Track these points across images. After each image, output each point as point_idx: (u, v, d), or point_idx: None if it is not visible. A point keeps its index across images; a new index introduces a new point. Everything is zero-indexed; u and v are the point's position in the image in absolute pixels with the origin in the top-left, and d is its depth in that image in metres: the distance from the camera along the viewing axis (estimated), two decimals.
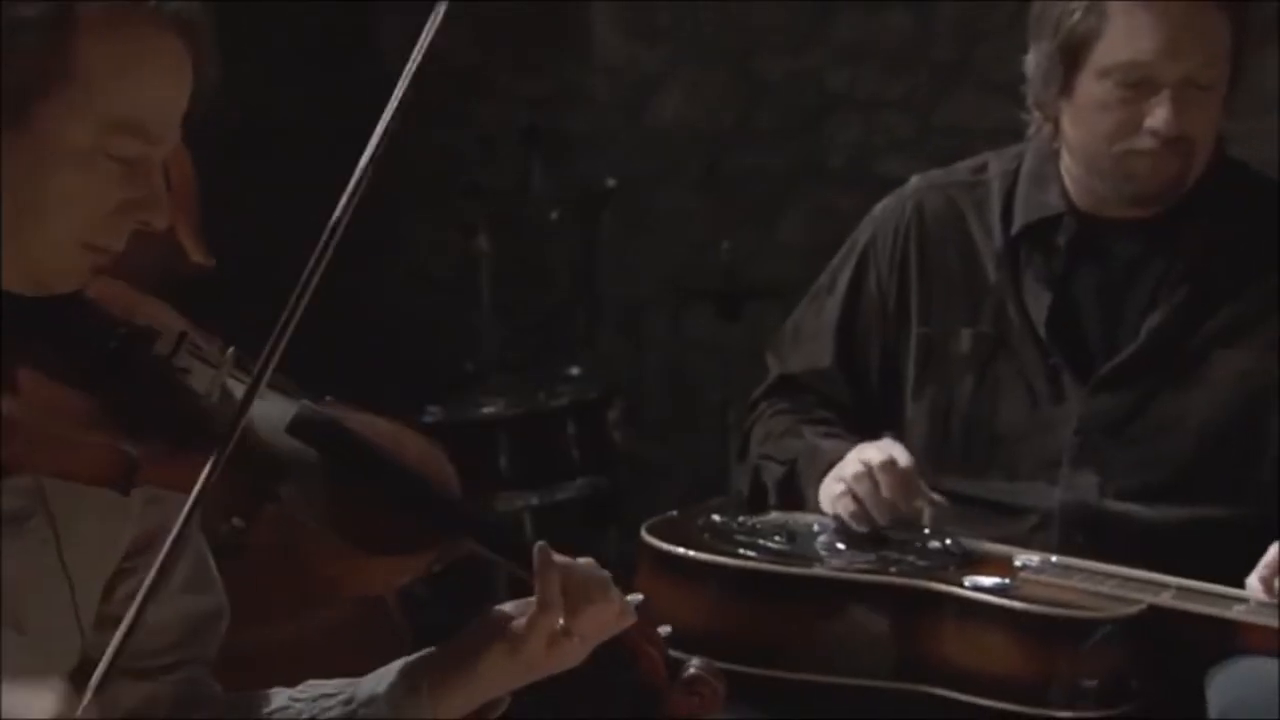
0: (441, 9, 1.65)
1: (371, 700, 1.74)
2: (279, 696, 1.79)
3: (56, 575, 1.66)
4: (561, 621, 1.71)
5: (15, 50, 1.56)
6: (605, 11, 5.22)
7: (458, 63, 5.08)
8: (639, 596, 1.80)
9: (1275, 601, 2.30)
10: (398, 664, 1.76)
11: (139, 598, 1.53)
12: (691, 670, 1.82)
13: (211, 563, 1.79)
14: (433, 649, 1.77)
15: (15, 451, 1.57)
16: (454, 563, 1.73)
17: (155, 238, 1.69)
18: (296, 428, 1.68)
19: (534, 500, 4.09)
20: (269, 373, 1.61)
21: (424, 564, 1.70)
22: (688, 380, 5.08)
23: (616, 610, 1.76)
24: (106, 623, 1.68)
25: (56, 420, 1.57)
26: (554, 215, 4.72)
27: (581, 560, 1.76)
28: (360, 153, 1.61)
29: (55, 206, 1.59)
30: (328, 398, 1.75)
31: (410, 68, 1.63)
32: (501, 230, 4.56)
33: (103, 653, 1.62)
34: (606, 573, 1.76)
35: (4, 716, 1.47)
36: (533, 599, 1.72)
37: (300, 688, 1.79)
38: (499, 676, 1.74)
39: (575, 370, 4.50)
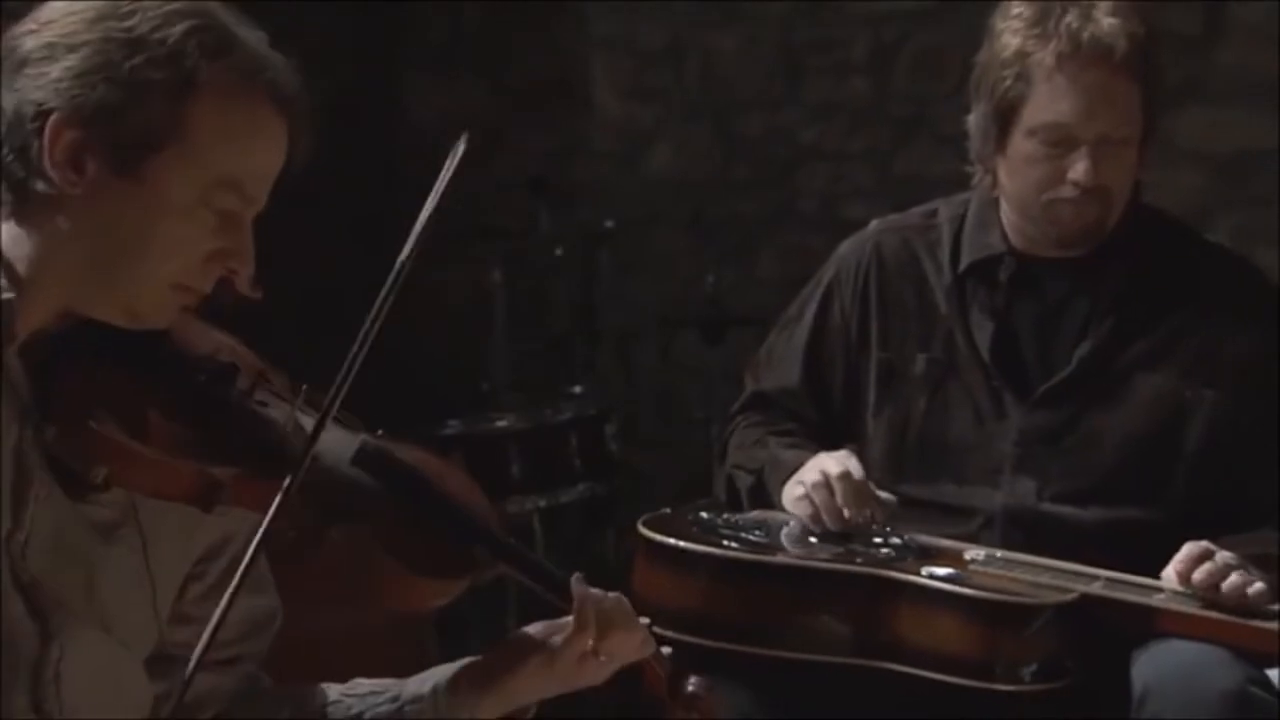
0: (461, 146, 1.65)
1: (417, 699, 1.75)
2: (330, 692, 1.79)
3: (142, 578, 1.65)
4: (592, 642, 1.74)
5: (139, 108, 1.52)
6: (605, 76, 5.24)
7: (476, 120, 5.09)
8: (645, 620, 1.81)
9: (1189, 591, 2.33)
10: (442, 669, 1.77)
11: (222, 605, 1.53)
12: (690, 688, 1.83)
13: (266, 566, 1.76)
14: (474, 658, 1.78)
15: (116, 470, 1.56)
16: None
17: None
18: (360, 459, 1.67)
19: (541, 503, 4.08)
20: (335, 408, 1.60)
21: (464, 586, 1.71)
22: (676, 398, 5.08)
23: (639, 638, 1.78)
24: (178, 619, 1.69)
25: (153, 445, 1.55)
26: (558, 253, 4.71)
27: (611, 594, 1.78)
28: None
29: (155, 251, 1.54)
30: (380, 431, 1.75)
31: (433, 200, 1.66)
32: (512, 266, 4.56)
33: (173, 644, 1.66)
34: (629, 607, 1.78)
35: None
36: (560, 621, 1.75)
37: (349, 685, 1.79)
38: (532, 686, 1.76)
39: (577, 389, 4.50)
